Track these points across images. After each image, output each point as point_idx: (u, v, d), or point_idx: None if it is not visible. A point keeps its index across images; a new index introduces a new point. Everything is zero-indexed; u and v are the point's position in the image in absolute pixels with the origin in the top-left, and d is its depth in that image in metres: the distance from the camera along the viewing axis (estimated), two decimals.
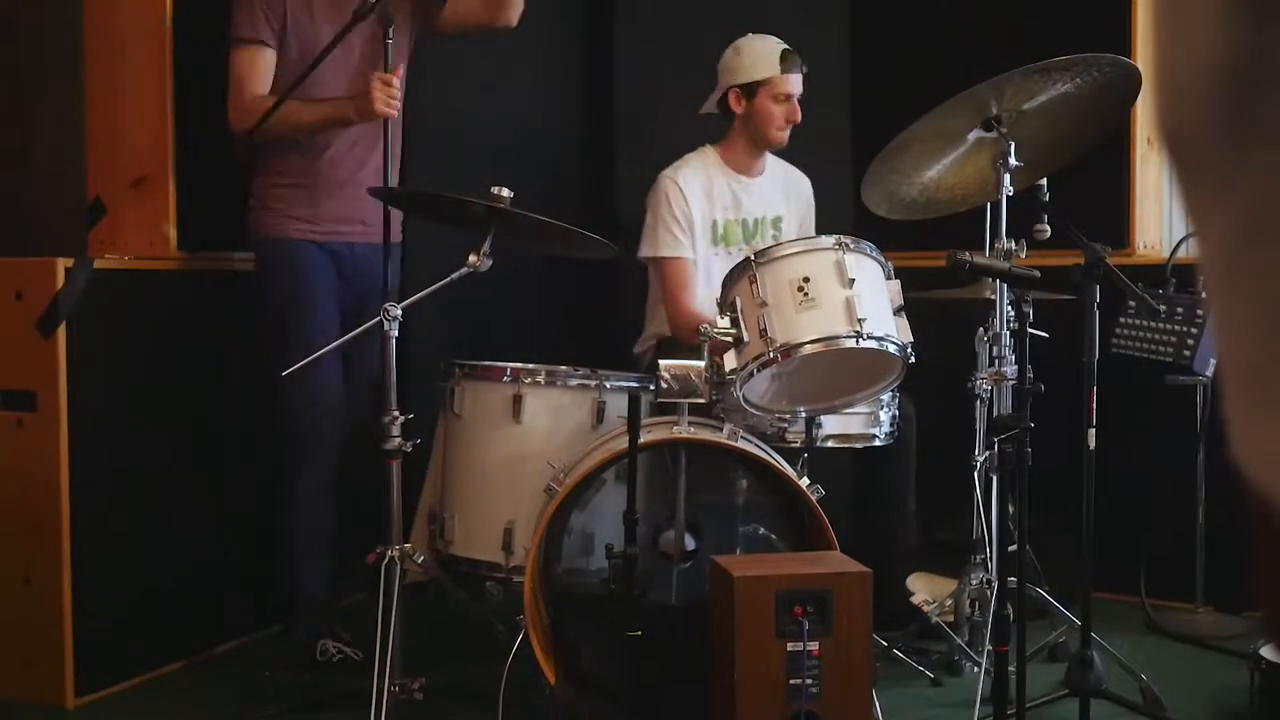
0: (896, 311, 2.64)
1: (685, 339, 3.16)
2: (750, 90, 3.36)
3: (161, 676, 3.06)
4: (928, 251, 2.89)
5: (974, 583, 3.07)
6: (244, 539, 3.32)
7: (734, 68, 3.39)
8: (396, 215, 3.04)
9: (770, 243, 3.44)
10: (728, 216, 3.45)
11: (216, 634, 3.24)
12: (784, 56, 3.34)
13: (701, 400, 2.60)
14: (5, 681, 2.86)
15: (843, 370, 2.68)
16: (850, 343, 2.52)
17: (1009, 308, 2.90)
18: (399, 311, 2.68)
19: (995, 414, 2.92)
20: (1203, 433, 3.47)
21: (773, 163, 3.56)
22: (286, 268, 3.08)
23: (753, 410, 2.67)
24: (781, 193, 3.56)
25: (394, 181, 3.00)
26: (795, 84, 3.36)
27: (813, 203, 3.63)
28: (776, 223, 3.53)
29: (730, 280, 2.67)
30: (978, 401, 3.06)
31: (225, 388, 3.24)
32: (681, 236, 3.35)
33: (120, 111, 3.14)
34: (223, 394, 3.24)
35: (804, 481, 2.66)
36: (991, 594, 2.97)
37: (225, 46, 3.05)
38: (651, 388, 2.67)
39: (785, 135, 3.41)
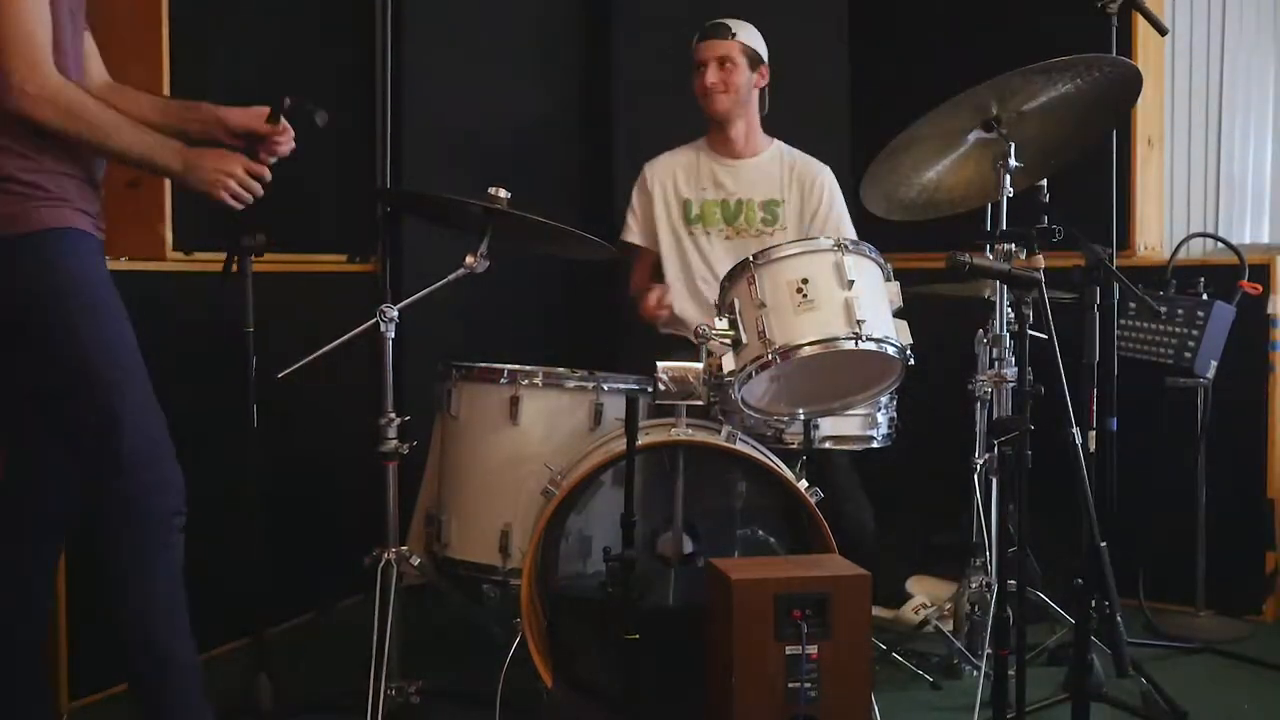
0: (896, 313, 2.62)
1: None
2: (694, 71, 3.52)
3: None
4: (928, 253, 2.88)
5: (974, 586, 3.06)
6: (239, 542, 3.30)
7: None
8: None
9: (760, 226, 3.45)
10: (705, 197, 3.50)
11: (213, 636, 3.22)
12: (702, 29, 3.49)
13: (700, 402, 2.60)
14: None
15: (842, 372, 2.67)
16: (849, 344, 2.50)
17: (1009, 309, 2.90)
18: (395, 313, 2.68)
19: (995, 416, 2.91)
20: (1203, 434, 3.46)
21: (775, 148, 3.55)
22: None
23: (751, 412, 2.66)
24: (779, 178, 3.52)
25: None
26: (705, 50, 3.46)
27: (834, 192, 3.51)
28: (768, 206, 3.49)
29: (729, 282, 2.65)
30: (978, 404, 3.04)
31: (220, 390, 3.22)
32: (632, 223, 3.59)
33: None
34: (217, 396, 3.22)
35: (802, 484, 2.64)
36: (991, 597, 2.96)
37: None
38: (649, 389, 2.66)
39: (714, 102, 3.45)
